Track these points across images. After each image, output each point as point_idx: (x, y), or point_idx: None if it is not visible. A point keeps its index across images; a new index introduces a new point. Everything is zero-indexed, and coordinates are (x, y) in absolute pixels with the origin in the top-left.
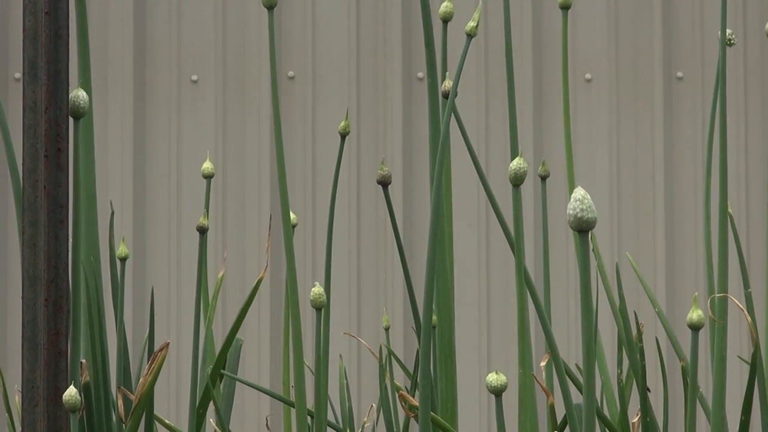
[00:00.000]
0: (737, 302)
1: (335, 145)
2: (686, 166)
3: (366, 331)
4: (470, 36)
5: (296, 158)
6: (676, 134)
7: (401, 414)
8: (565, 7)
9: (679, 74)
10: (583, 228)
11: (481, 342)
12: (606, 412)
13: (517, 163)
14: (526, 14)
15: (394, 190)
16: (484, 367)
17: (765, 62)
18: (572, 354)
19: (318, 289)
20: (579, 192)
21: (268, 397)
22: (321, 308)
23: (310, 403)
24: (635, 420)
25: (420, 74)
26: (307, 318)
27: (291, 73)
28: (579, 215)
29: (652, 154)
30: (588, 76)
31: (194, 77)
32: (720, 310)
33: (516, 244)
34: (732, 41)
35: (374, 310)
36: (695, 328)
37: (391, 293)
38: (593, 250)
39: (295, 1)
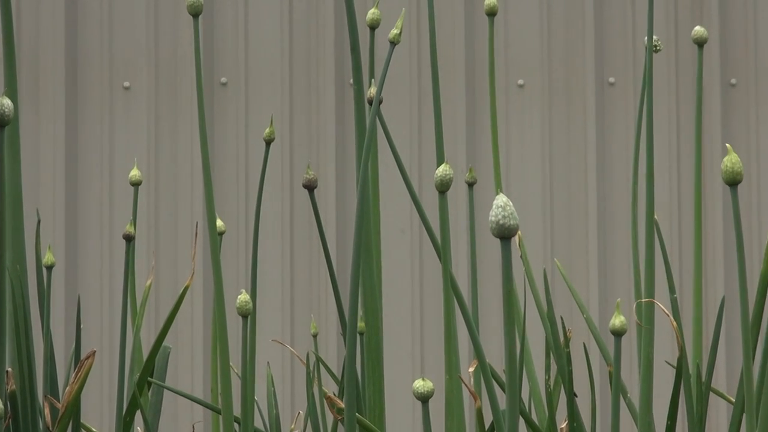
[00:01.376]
0: (663, 307)
1: (270, 151)
2: (619, 171)
3: (300, 337)
4: (393, 43)
5: (229, 164)
6: (608, 140)
7: (329, 420)
8: (491, 14)
9: (611, 80)
10: (505, 235)
11: (414, 348)
12: (534, 417)
13: (442, 170)
14: (459, 20)
15: (327, 195)
16: (417, 373)
17: (696, 68)
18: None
19: (244, 297)
20: (501, 199)
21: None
22: (247, 315)
23: (238, 410)
24: (563, 425)
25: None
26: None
27: (224, 80)
28: (501, 222)
29: (585, 159)
30: (520, 81)
31: (126, 84)
32: (647, 315)
33: (442, 250)
34: (658, 47)
35: (308, 317)
36: (618, 334)
37: (324, 299)
38: (521, 256)
39: (228, 7)
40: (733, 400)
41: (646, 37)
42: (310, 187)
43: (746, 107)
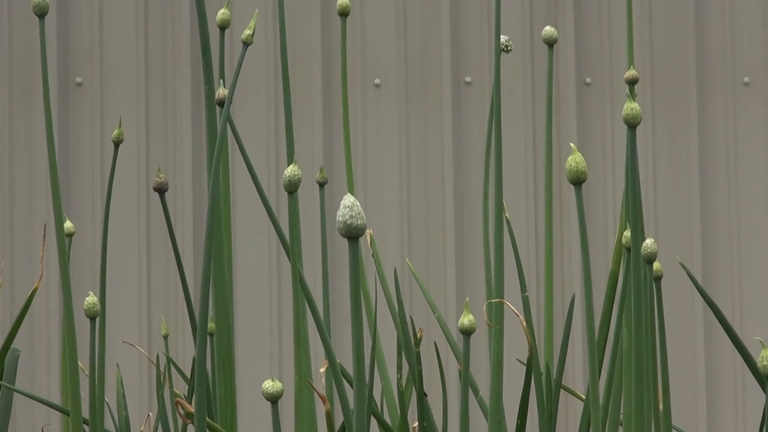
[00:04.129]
0: (512, 307)
1: (126, 152)
2: (476, 170)
3: (159, 338)
4: (246, 44)
5: (85, 165)
6: (465, 139)
7: (180, 422)
8: (343, 14)
9: (468, 79)
10: (352, 234)
11: (273, 349)
12: (387, 416)
13: (290, 171)
14: (315, 20)
15: (184, 196)
16: (275, 374)
17: (548, 68)
18: None
19: (92, 299)
20: (348, 199)
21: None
22: (95, 317)
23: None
24: (415, 425)
25: None
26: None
27: (79, 80)
28: (348, 222)
29: (442, 158)
30: (377, 81)
31: None
32: (497, 314)
33: (291, 251)
34: (509, 47)
35: (166, 318)
36: (466, 332)
37: (182, 300)
38: (372, 255)
39: (82, 6)
40: (584, 397)
41: (503, 37)
42: (161, 190)
43: (601, 106)
